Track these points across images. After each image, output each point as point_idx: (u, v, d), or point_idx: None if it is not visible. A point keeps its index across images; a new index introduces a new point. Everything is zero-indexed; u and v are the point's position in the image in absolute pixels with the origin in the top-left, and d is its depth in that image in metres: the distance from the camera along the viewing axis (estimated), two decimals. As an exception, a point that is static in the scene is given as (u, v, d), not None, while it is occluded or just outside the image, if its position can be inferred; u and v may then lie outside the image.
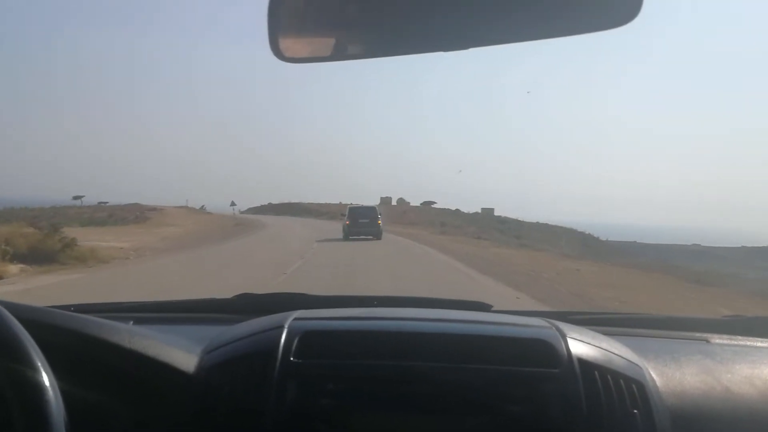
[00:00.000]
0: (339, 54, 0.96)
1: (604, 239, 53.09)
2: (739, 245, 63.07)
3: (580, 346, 1.05)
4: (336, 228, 28.83)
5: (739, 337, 1.30)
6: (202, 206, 57.89)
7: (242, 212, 62.07)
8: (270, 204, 75.65)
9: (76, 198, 54.29)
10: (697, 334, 1.33)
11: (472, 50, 0.89)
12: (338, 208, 34.39)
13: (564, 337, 1.06)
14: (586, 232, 53.25)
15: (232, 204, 41.39)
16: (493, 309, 1.48)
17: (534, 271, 14.29)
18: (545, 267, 15.81)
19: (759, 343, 1.27)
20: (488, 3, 0.88)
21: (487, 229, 42.93)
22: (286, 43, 0.96)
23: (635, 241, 63.64)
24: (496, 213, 60.86)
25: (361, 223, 26.02)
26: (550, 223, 56.81)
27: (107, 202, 52.79)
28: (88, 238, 19.38)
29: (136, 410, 0.97)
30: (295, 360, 1.02)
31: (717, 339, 1.28)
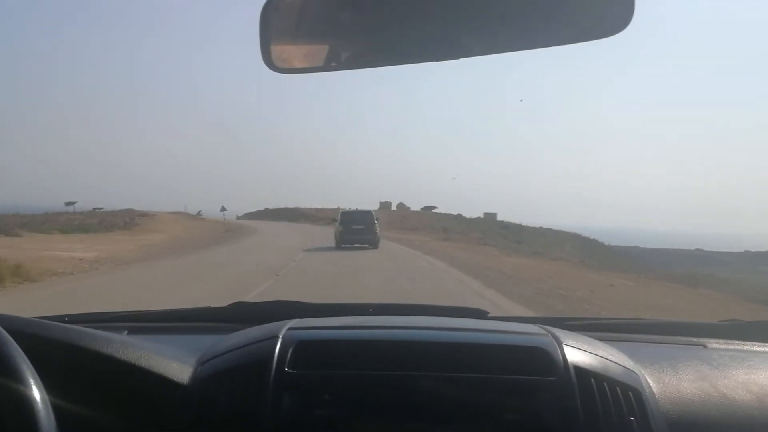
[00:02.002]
0: (332, 65, 0.96)
1: (607, 244, 51.66)
2: (741, 250, 62.21)
3: (576, 353, 1.04)
4: (330, 234, 26.57)
5: (736, 342, 1.29)
6: (199, 212, 57.21)
7: (239, 217, 61.86)
8: (267, 209, 74.81)
9: (68, 204, 53.33)
10: (694, 339, 1.33)
11: None
12: (335, 214, 32.81)
13: (560, 344, 1.05)
14: (591, 237, 51.86)
15: (222, 209, 40.51)
16: (489, 316, 1.46)
17: (564, 289, 12.37)
18: (573, 282, 13.90)
19: (756, 347, 1.27)
20: (482, 14, 0.88)
21: (491, 234, 41.88)
22: (279, 55, 0.96)
23: (637, 246, 62.57)
24: (498, 218, 59.50)
25: (355, 229, 23.31)
26: (550, 227, 55.44)
27: (102, 208, 52.07)
28: (55, 247, 17.72)
29: (130, 422, 0.96)
30: (290, 370, 1.01)
31: (714, 344, 1.28)
